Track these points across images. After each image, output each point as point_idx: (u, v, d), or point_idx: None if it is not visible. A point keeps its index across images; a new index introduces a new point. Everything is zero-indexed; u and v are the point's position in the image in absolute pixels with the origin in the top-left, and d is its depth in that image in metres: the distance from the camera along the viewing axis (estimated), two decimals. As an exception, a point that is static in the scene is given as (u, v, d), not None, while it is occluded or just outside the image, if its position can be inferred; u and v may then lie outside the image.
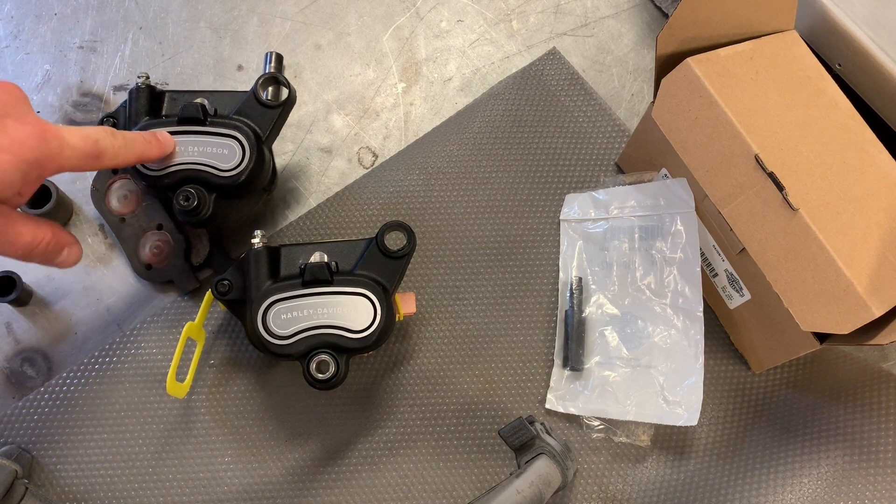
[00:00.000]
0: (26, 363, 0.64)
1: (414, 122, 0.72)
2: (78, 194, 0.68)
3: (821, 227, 0.49)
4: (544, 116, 0.71)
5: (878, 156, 0.54)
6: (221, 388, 0.63)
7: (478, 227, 0.68)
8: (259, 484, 0.60)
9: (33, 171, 0.45)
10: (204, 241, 0.64)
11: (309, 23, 0.75)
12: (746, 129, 0.51)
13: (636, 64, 0.75)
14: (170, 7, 0.75)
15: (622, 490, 0.61)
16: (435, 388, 0.63)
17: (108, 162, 0.50)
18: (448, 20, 0.76)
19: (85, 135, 0.48)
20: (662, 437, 0.62)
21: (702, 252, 0.62)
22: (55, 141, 0.45)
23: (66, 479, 0.60)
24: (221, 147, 0.57)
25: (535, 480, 0.49)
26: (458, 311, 0.65)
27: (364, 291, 0.55)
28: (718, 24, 0.55)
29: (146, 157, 0.54)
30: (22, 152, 0.43)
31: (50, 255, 0.49)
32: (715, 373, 0.64)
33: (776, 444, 0.59)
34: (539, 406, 0.63)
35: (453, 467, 0.61)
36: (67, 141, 0.46)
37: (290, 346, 0.54)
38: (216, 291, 0.56)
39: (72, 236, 0.51)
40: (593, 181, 0.69)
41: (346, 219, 0.67)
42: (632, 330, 0.62)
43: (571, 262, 0.66)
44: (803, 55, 0.57)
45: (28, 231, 0.47)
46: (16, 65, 0.72)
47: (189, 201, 0.56)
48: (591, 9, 0.77)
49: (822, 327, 0.51)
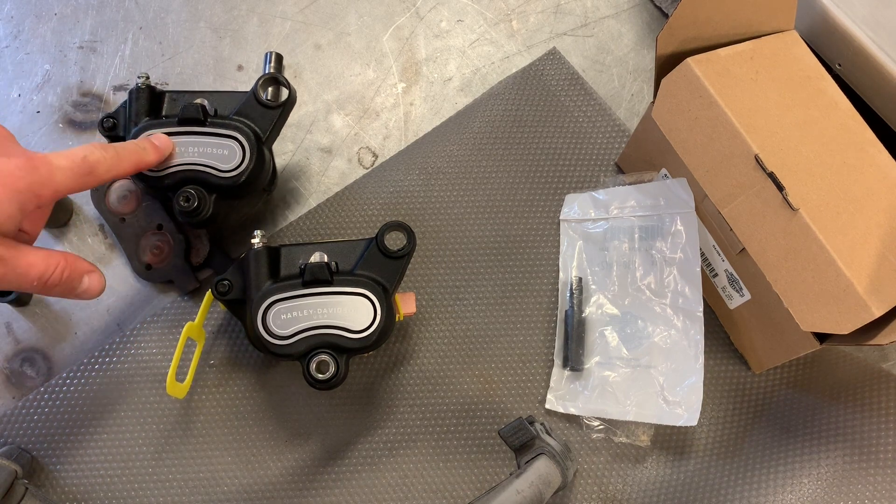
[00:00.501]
0: (26, 363, 0.64)
1: (414, 122, 0.72)
2: (78, 195, 0.68)
3: (821, 227, 0.49)
4: (544, 116, 0.71)
5: (878, 156, 0.54)
6: (221, 388, 0.63)
7: (478, 227, 0.68)
8: (259, 484, 0.60)
9: (29, 200, 0.45)
10: (204, 242, 0.64)
11: (309, 23, 0.75)
12: (746, 129, 0.51)
13: (636, 64, 0.75)
14: (170, 7, 0.75)
15: (622, 490, 0.61)
16: (435, 388, 0.63)
17: (103, 175, 0.50)
18: (448, 20, 0.76)
19: (71, 154, 0.48)
20: (662, 437, 0.62)
21: (702, 252, 0.62)
22: (43, 167, 0.46)
23: (66, 479, 0.60)
24: (221, 148, 0.57)
25: (535, 480, 0.49)
26: (458, 311, 0.65)
27: (364, 291, 0.55)
28: (718, 24, 0.55)
29: (144, 163, 0.54)
30: (11, 182, 0.44)
31: (69, 285, 0.49)
32: (715, 373, 0.64)
33: (776, 444, 0.59)
34: (539, 406, 0.63)
35: (453, 467, 0.61)
36: (55, 164, 0.47)
37: (290, 346, 0.54)
38: (216, 291, 0.56)
39: (90, 264, 0.51)
40: (593, 181, 0.69)
41: (346, 219, 0.67)
42: (632, 330, 0.62)
43: (571, 262, 0.66)
44: (803, 55, 0.57)
45: (39, 261, 0.47)
46: (16, 65, 0.72)
47: (189, 202, 0.56)
48: (591, 9, 0.77)
49: (822, 327, 0.51)
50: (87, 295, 0.51)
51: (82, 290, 0.50)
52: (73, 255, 0.50)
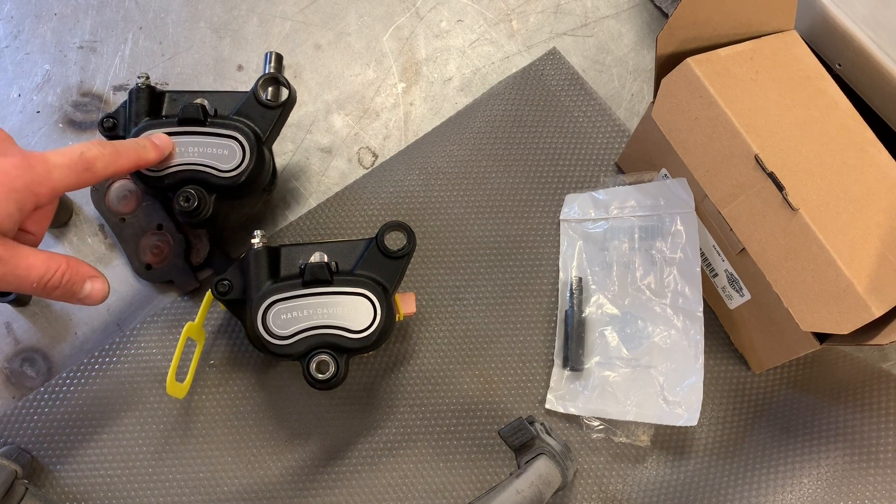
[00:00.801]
0: (26, 363, 0.64)
1: (414, 122, 0.72)
2: (78, 194, 0.68)
3: (821, 227, 0.49)
4: (544, 116, 0.71)
5: (878, 156, 0.54)
6: (221, 388, 0.63)
7: (478, 227, 0.68)
8: (259, 484, 0.60)
9: (27, 199, 0.45)
10: (204, 242, 0.64)
11: (309, 23, 0.75)
12: (746, 129, 0.51)
13: (636, 64, 0.75)
14: (170, 7, 0.75)
15: (622, 490, 0.61)
16: (435, 388, 0.63)
17: (101, 171, 0.49)
18: (448, 20, 0.76)
19: (69, 151, 0.48)
20: (662, 437, 0.62)
21: (702, 252, 0.62)
22: (40, 165, 0.46)
23: (66, 479, 0.60)
24: (221, 148, 0.57)
25: (535, 480, 0.49)
26: (458, 311, 0.65)
27: (364, 291, 0.55)
28: (718, 24, 0.55)
29: (143, 161, 0.54)
30: (8, 181, 0.44)
31: (70, 289, 0.48)
32: (715, 373, 0.64)
33: (776, 444, 0.59)
34: (539, 406, 0.63)
35: (453, 467, 0.61)
36: (52, 162, 0.47)
37: (290, 346, 0.54)
38: (216, 291, 0.56)
39: (93, 269, 0.50)
40: (593, 181, 0.69)
41: (346, 219, 0.67)
42: (632, 330, 0.62)
43: (571, 262, 0.66)
44: (803, 55, 0.57)
45: (39, 263, 0.47)
46: (16, 65, 0.72)
47: (189, 202, 0.56)
48: (591, 9, 0.77)
49: (822, 327, 0.51)
50: (90, 301, 0.50)
51: (84, 296, 0.50)
52: (76, 260, 0.49)
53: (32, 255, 0.47)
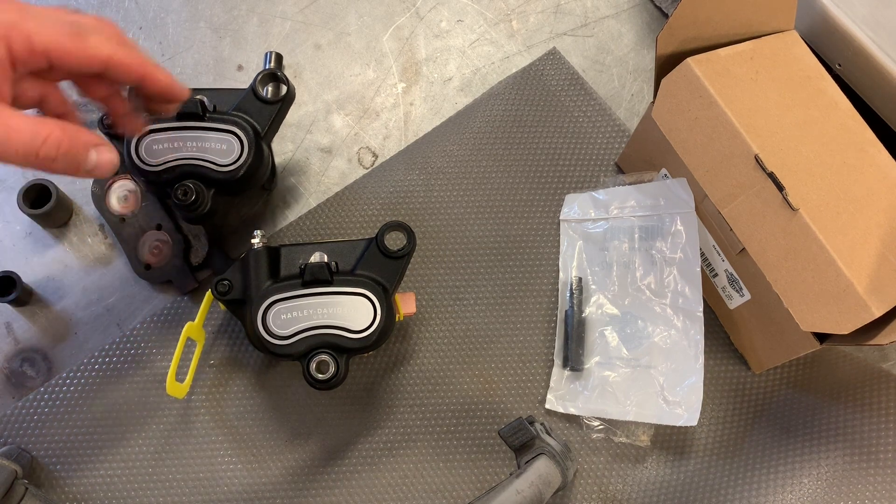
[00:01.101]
0: (26, 363, 0.64)
1: (414, 122, 0.72)
2: (78, 194, 0.68)
3: (821, 227, 0.49)
4: (544, 116, 0.71)
5: (878, 156, 0.54)
6: (221, 388, 0.63)
7: (478, 227, 0.68)
8: (259, 484, 0.60)
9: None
10: (203, 241, 0.64)
11: (309, 23, 0.75)
12: (746, 129, 0.51)
13: (636, 64, 0.75)
14: (170, 7, 0.75)
15: (622, 490, 0.61)
16: (435, 388, 0.63)
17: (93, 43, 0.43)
18: (448, 20, 0.76)
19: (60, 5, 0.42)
20: (662, 437, 0.62)
21: (702, 252, 0.62)
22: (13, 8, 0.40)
23: (66, 479, 0.60)
24: (220, 142, 0.57)
25: (535, 480, 0.49)
26: (458, 311, 0.65)
27: (364, 291, 0.55)
28: (718, 24, 0.55)
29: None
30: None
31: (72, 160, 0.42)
32: (715, 373, 0.64)
33: (776, 444, 0.59)
34: (539, 406, 0.63)
35: (453, 467, 0.61)
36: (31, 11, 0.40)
37: (290, 346, 0.54)
38: (216, 291, 0.56)
39: (96, 136, 0.43)
40: (593, 181, 0.69)
41: (346, 219, 0.67)
42: (632, 330, 0.62)
43: (571, 262, 0.66)
44: (803, 55, 0.57)
45: (26, 127, 0.40)
46: (16, 65, 0.72)
47: (187, 196, 0.56)
48: (591, 9, 0.77)
49: (822, 327, 0.51)
50: (99, 171, 0.43)
51: (92, 167, 0.43)
52: (73, 126, 0.42)
53: (16, 116, 0.40)
